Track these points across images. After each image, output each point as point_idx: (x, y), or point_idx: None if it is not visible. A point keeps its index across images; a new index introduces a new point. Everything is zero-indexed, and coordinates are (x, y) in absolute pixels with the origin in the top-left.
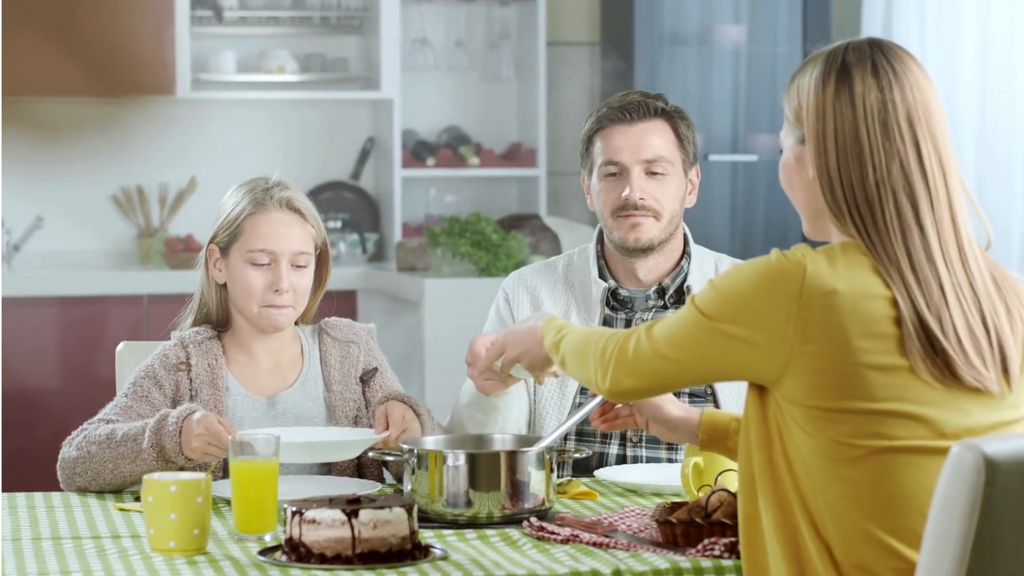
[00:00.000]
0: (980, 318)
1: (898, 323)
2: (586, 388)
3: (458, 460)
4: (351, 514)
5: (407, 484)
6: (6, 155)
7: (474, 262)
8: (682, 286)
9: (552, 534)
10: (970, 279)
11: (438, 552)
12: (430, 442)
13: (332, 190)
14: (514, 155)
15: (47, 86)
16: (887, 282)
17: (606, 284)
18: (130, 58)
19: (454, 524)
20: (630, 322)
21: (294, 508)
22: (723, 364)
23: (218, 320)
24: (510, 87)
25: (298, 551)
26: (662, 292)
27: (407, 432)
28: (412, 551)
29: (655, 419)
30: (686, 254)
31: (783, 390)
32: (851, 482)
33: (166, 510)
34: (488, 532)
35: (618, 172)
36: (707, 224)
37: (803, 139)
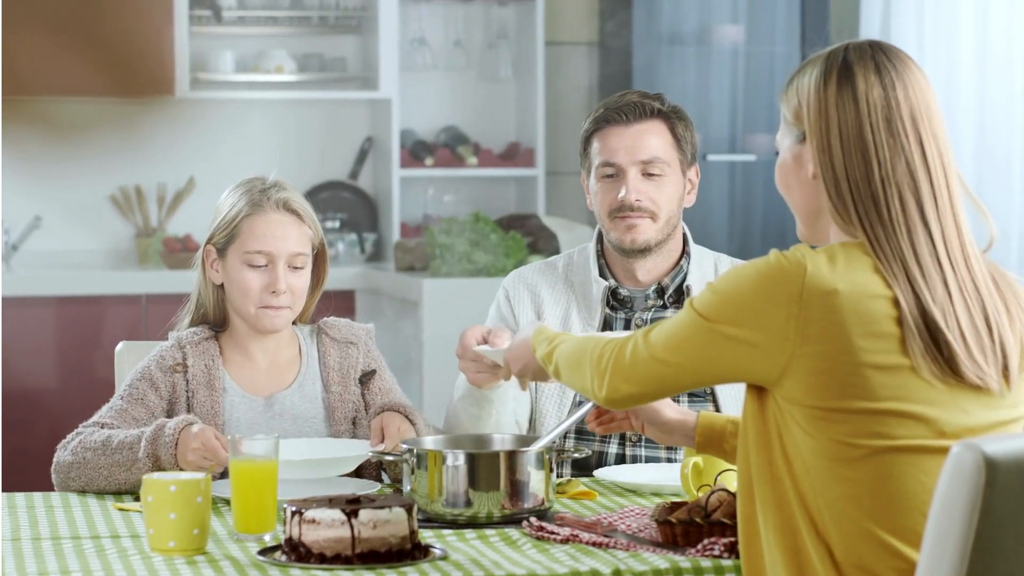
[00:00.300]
0: (983, 316)
1: (899, 323)
2: None
3: (457, 460)
4: (351, 514)
5: (407, 484)
6: (4, 154)
7: (472, 262)
8: (682, 286)
9: (552, 534)
10: (973, 278)
11: (438, 552)
12: (429, 442)
13: (330, 190)
14: (512, 155)
15: (45, 86)
16: (888, 282)
17: (607, 283)
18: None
19: (454, 524)
20: (629, 321)
21: (294, 508)
22: (723, 366)
23: (215, 320)
24: (508, 87)
25: (298, 551)
26: (661, 292)
27: None
28: (412, 551)
29: (651, 422)
30: (685, 254)
31: (783, 391)
32: (852, 482)
33: (166, 510)
34: (488, 532)
35: (614, 173)
36: (705, 224)
37: (802, 138)
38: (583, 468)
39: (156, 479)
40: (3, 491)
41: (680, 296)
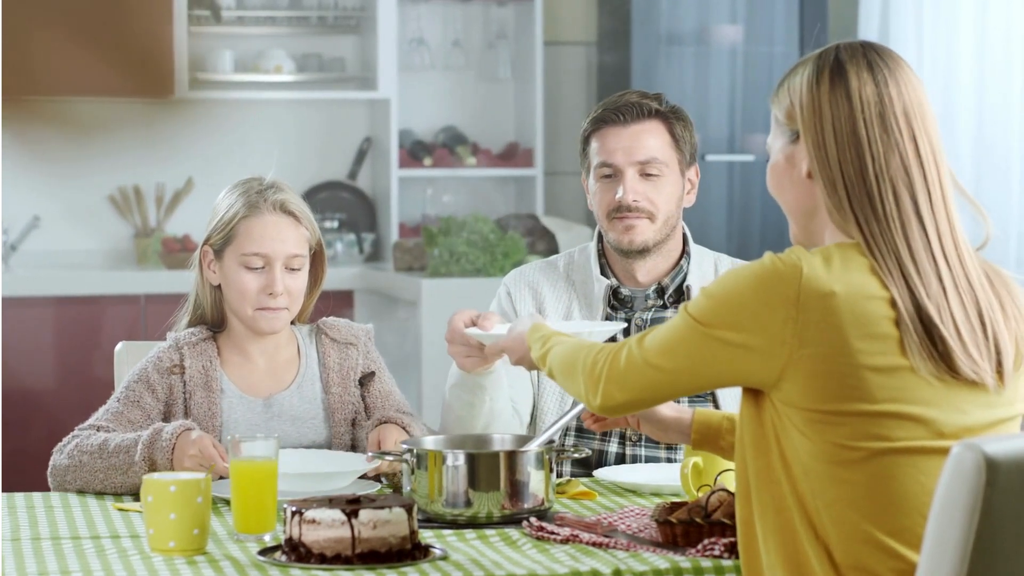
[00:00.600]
0: (977, 312)
1: (897, 324)
2: None
3: (457, 460)
4: (351, 514)
5: (406, 484)
6: (3, 154)
7: (471, 262)
8: (682, 286)
9: (552, 534)
10: (966, 273)
11: (438, 552)
12: (429, 442)
13: (329, 190)
14: (511, 155)
15: (44, 86)
16: (884, 282)
17: (608, 282)
18: (128, 57)
19: (454, 524)
20: (629, 321)
21: (294, 508)
22: (719, 371)
23: (213, 321)
24: (507, 87)
25: (298, 551)
26: (661, 292)
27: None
28: (412, 551)
29: (647, 419)
30: (685, 254)
31: (781, 394)
32: (850, 484)
33: (166, 510)
34: (488, 532)
35: (612, 174)
36: (704, 224)
37: (795, 138)
38: (583, 465)
39: (156, 479)
40: (2, 491)
41: (680, 296)
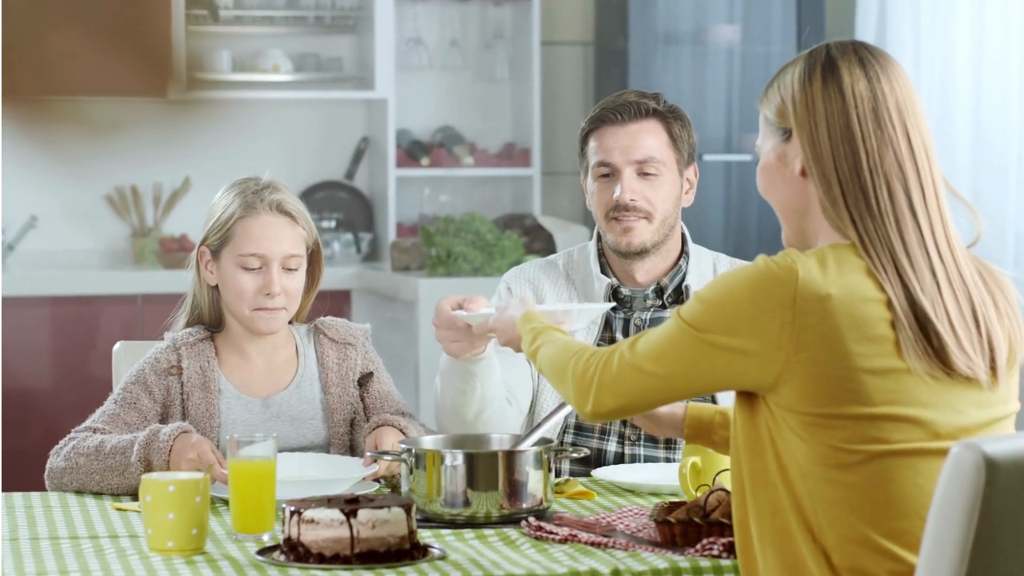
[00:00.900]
0: (970, 308)
1: (892, 325)
2: None
3: (456, 460)
4: (349, 514)
5: (405, 484)
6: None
7: (468, 262)
8: (680, 286)
9: (550, 534)
10: (959, 269)
11: (436, 552)
12: (428, 442)
13: (326, 190)
14: (508, 155)
15: (41, 85)
16: (879, 282)
17: (609, 280)
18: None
19: (452, 524)
20: (628, 321)
21: (292, 508)
22: (713, 376)
23: (211, 321)
24: (504, 87)
25: (296, 551)
26: (660, 292)
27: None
28: (410, 551)
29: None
30: (684, 254)
31: (777, 398)
32: (847, 487)
33: (164, 510)
34: (486, 532)
35: (610, 173)
36: (701, 224)
37: (787, 136)
38: (581, 467)
39: (155, 479)
40: (1, 491)
41: (679, 296)
